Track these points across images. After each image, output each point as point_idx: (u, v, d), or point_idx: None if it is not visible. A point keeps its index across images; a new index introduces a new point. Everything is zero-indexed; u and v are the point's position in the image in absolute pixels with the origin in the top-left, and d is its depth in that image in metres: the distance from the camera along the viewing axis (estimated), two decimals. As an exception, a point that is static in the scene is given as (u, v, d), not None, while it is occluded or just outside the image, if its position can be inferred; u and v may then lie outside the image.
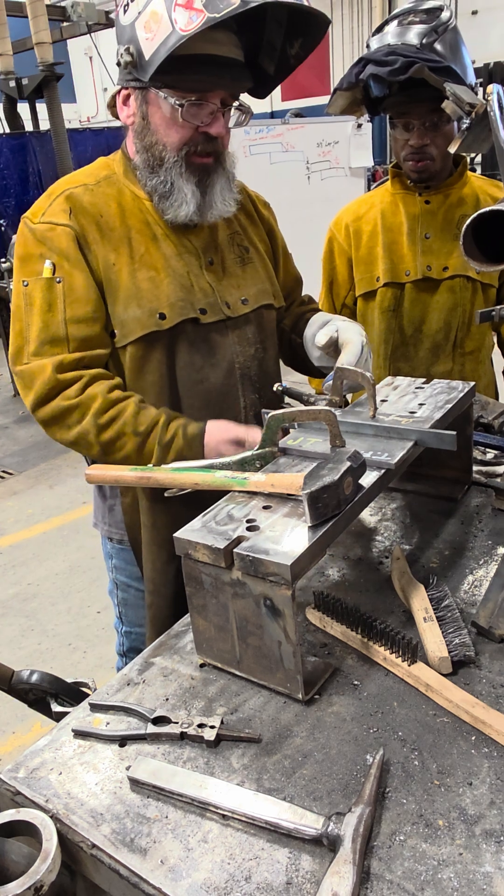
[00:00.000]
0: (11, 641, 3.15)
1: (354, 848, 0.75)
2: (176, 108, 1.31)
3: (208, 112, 1.33)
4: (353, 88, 1.83)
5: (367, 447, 1.16)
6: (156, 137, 1.36)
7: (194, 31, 1.18)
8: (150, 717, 0.96)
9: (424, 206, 1.99)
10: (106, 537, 1.65)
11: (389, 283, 2.03)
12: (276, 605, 0.92)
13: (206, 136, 1.35)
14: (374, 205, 2.09)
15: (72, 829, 0.83)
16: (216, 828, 0.81)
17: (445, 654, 0.99)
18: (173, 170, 1.36)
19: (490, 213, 1.09)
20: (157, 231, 1.43)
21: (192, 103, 1.30)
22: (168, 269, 1.41)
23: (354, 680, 1.01)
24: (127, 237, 1.40)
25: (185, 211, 1.38)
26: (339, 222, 2.16)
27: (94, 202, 1.39)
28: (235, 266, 1.52)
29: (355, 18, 13.92)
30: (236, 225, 1.55)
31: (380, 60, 1.69)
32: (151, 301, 1.38)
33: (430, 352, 2.04)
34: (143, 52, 1.26)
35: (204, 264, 1.46)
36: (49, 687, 1.07)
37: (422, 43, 1.71)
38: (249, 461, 1.19)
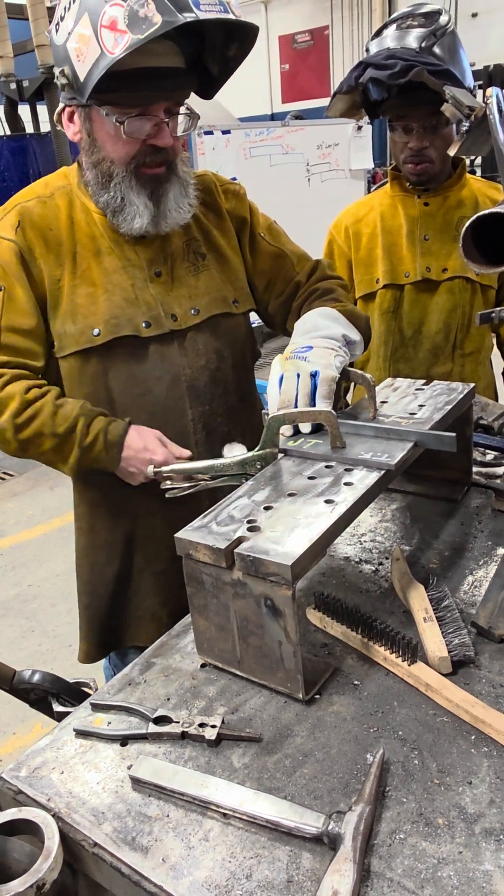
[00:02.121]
0: (12, 642, 3.16)
1: (355, 846, 0.75)
2: (118, 125, 1.30)
3: (153, 124, 1.32)
4: (352, 92, 1.84)
5: (366, 448, 1.17)
6: (103, 154, 1.35)
7: (120, 53, 1.17)
8: (152, 717, 0.96)
9: (423, 208, 2.00)
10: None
11: (389, 285, 2.03)
12: (276, 605, 0.93)
13: (154, 148, 1.34)
14: (374, 207, 2.10)
15: (73, 828, 0.83)
16: (217, 826, 0.82)
17: (445, 654, 1.00)
18: (123, 184, 1.35)
19: (489, 216, 1.09)
20: (101, 245, 1.43)
21: (134, 118, 1.29)
22: (108, 285, 1.41)
23: (355, 680, 1.02)
24: (72, 252, 1.41)
25: (139, 224, 1.38)
26: (338, 224, 2.16)
27: (44, 215, 1.41)
28: (188, 275, 1.48)
29: (355, 21, 13.95)
30: (195, 231, 1.51)
31: (379, 64, 1.70)
32: (87, 317, 1.39)
33: (430, 353, 2.05)
34: (77, 73, 1.26)
35: (149, 276, 1.45)
36: (50, 687, 1.07)
37: (421, 46, 1.72)
38: (250, 462, 1.20)
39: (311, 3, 14.40)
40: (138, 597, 1.56)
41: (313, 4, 14.37)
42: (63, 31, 1.28)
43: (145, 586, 1.55)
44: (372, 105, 1.91)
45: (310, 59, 14.91)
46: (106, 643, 1.61)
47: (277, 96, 15.59)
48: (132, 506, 1.49)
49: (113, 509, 1.52)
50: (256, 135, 5.53)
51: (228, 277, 1.54)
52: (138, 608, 1.57)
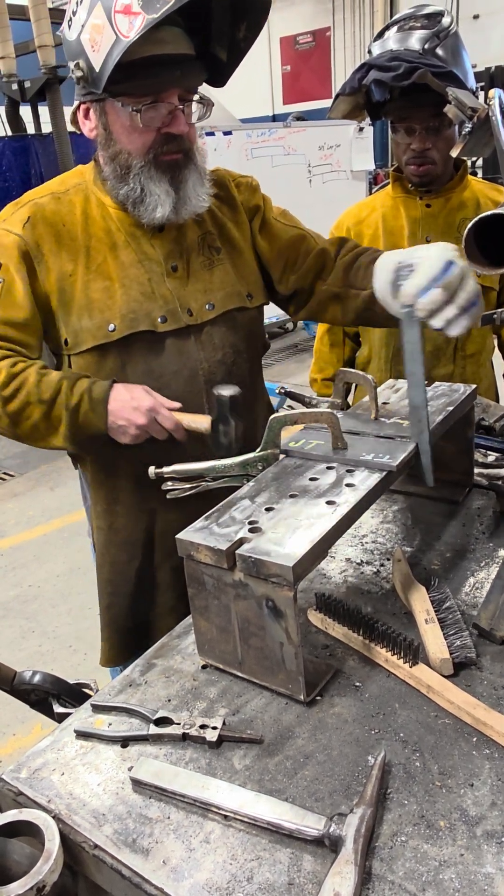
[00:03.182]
0: (12, 643, 3.15)
1: (356, 848, 0.75)
2: (133, 114, 1.30)
3: (166, 112, 1.31)
4: (355, 93, 1.84)
5: (368, 449, 1.17)
6: (119, 146, 1.35)
7: (137, 34, 1.17)
8: (153, 718, 0.96)
9: (425, 209, 2.00)
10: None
11: None
12: (277, 607, 0.92)
13: (169, 136, 1.34)
14: (376, 208, 2.10)
15: (74, 830, 0.83)
16: (218, 828, 0.81)
17: (447, 656, 1.00)
18: (142, 175, 1.35)
19: (491, 217, 1.09)
20: (118, 239, 1.42)
21: (149, 106, 1.29)
22: (125, 279, 1.40)
23: (356, 681, 1.01)
24: (86, 247, 1.40)
25: (161, 213, 1.36)
26: (340, 226, 2.16)
27: (57, 211, 1.41)
28: (203, 270, 1.47)
29: (357, 23, 13.96)
30: (209, 224, 1.50)
31: (383, 66, 1.70)
32: (103, 312, 1.38)
33: (431, 355, 2.04)
34: (92, 65, 1.26)
35: (166, 271, 1.43)
36: (51, 688, 1.07)
37: (424, 48, 1.72)
38: (252, 463, 1.20)
39: (312, 4, 14.42)
40: (159, 592, 1.56)
41: (315, 6, 14.39)
42: (76, 24, 1.28)
43: (165, 581, 1.55)
44: (374, 107, 1.91)
45: (311, 60, 14.93)
46: (129, 644, 1.58)
47: (279, 97, 15.62)
48: (150, 501, 1.48)
49: (131, 506, 1.51)
50: (258, 136, 5.53)
51: (242, 272, 1.53)
52: (159, 604, 1.57)
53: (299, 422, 1.18)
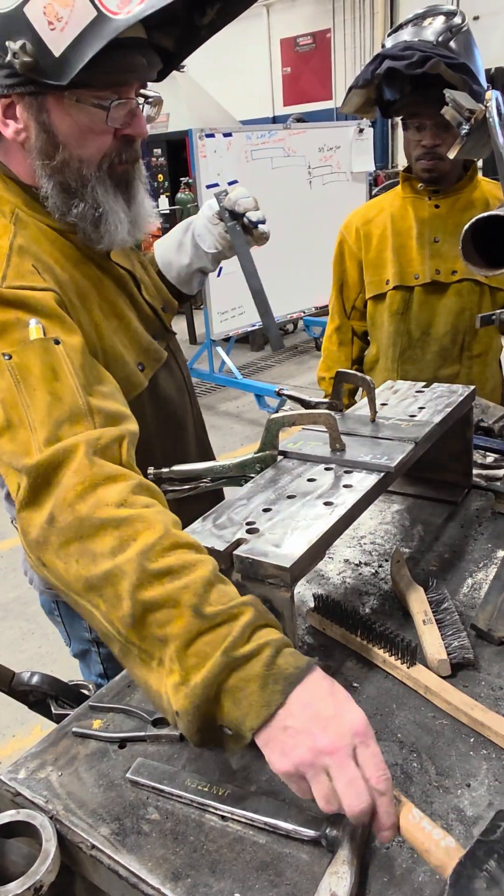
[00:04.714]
0: (12, 644, 3.16)
1: (353, 848, 0.75)
2: (97, 112, 1.05)
3: (128, 110, 1.08)
4: (368, 86, 1.85)
5: (366, 450, 1.17)
6: (68, 152, 1.07)
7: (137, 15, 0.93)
8: (150, 719, 0.96)
9: (434, 209, 2.01)
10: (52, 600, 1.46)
11: (398, 287, 2.05)
12: (275, 608, 0.92)
13: (126, 141, 1.12)
14: (384, 208, 2.11)
15: (71, 830, 0.83)
16: (215, 829, 0.81)
17: (444, 657, 1.00)
18: (99, 188, 1.10)
19: (488, 218, 1.09)
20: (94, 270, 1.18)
21: (116, 102, 1.05)
22: (123, 310, 1.20)
23: (354, 682, 1.01)
24: (79, 283, 1.13)
25: (121, 234, 1.15)
26: (349, 225, 2.18)
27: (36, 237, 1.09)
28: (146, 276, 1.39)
29: (357, 24, 13.99)
30: None
31: (396, 55, 1.70)
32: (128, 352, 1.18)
33: (438, 355, 2.05)
34: (48, 48, 0.97)
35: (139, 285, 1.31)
36: (49, 689, 1.07)
37: (438, 40, 1.73)
38: (250, 464, 1.20)
39: (312, 6, 14.44)
40: None
41: (315, 7, 14.42)
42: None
43: None
44: (385, 104, 1.91)
45: (312, 61, 14.95)
46: None
47: (279, 99, 15.65)
48: None
49: None
50: (258, 137, 5.53)
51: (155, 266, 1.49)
52: None
53: (297, 423, 1.18)
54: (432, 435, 1.25)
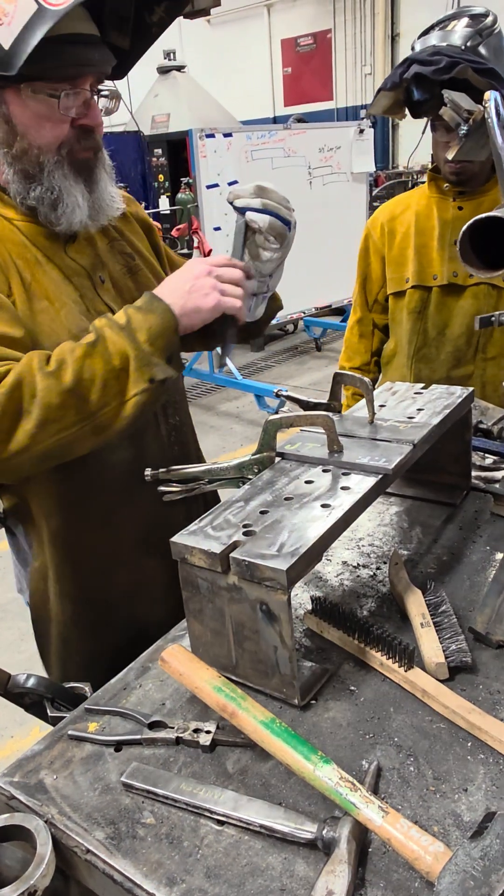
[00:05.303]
0: (11, 645, 3.15)
1: (350, 849, 0.75)
2: (50, 101, 1.14)
3: (82, 101, 1.17)
4: (396, 89, 1.85)
5: (364, 452, 1.16)
6: (27, 141, 1.17)
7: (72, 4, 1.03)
8: (146, 722, 0.95)
9: (457, 212, 2.02)
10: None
11: (417, 286, 2.06)
12: (272, 610, 0.92)
13: (83, 130, 1.20)
14: (410, 206, 2.12)
15: (66, 834, 0.83)
16: (211, 833, 0.81)
17: (442, 660, 0.99)
18: (56, 173, 1.19)
19: (487, 220, 1.09)
20: (37, 255, 1.24)
21: (69, 91, 1.14)
22: (61, 297, 1.25)
23: (351, 685, 1.01)
24: (12, 264, 1.21)
25: (78, 217, 1.23)
26: (375, 220, 2.20)
27: None
28: (125, 278, 1.37)
29: (357, 25, 13.98)
30: (113, 231, 1.39)
31: (424, 60, 1.71)
32: (50, 336, 1.20)
33: (452, 355, 2.06)
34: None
35: (97, 284, 1.32)
36: (45, 691, 1.06)
37: (466, 45, 1.73)
38: (247, 466, 1.19)
39: (313, 6, 14.43)
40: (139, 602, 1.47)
41: (316, 8, 14.40)
42: None
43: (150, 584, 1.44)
44: (414, 104, 1.91)
45: (312, 62, 14.94)
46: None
47: (280, 99, 15.63)
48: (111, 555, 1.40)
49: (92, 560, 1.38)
50: (258, 138, 5.53)
51: (156, 276, 1.44)
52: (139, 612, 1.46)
53: (294, 424, 1.18)
54: (430, 437, 1.24)
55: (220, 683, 0.92)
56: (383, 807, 0.76)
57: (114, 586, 1.42)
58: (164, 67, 10.43)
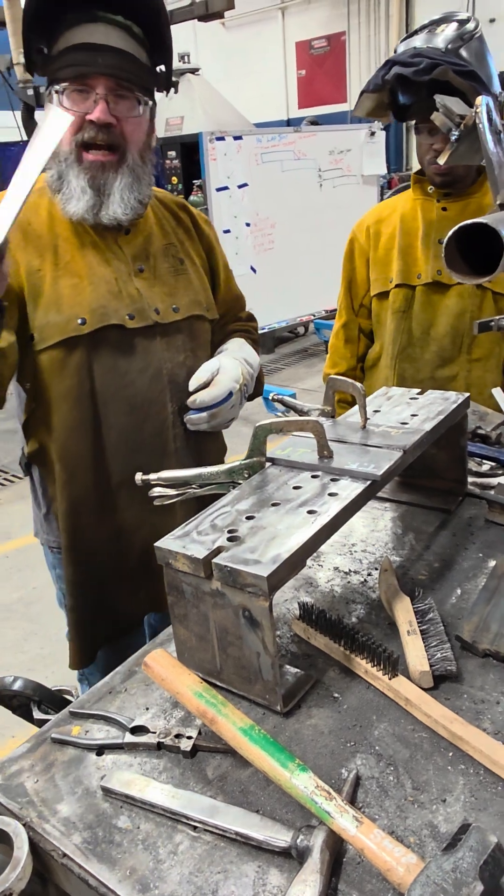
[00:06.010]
0: (14, 645, 3.17)
1: (323, 858, 0.74)
2: (60, 96, 1.33)
3: (92, 100, 1.34)
4: (379, 91, 1.85)
5: (354, 458, 1.16)
6: None
7: None
8: (129, 727, 0.96)
9: (441, 212, 2.01)
10: (46, 546, 1.69)
11: (401, 285, 2.05)
12: (254, 616, 0.92)
13: (92, 125, 1.35)
14: (396, 209, 2.12)
15: (44, 838, 0.83)
16: (186, 840, 0.81)
17: (426, 669, 0.99)
18: (65, 162, 1.37)
19: (473, 226, 1.08)
20: (85, 239, 1.44)
21: (73, 90, 1.33)
22: (92, 276, 1.42)
23: (335, 692, 1.01)
24: (53, 245, 1.42)
25: (74, 207, 1.38)
26: (361, 224, 2.20)
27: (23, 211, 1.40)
28: (168, 275, 1.53)
29: (371, 27, 13.94)
30: (173, 237, 1.58)
31: (405, 62, 1.71)
32: (72, 307, 1.39)
33: (437, 355, 2.05)
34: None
35: (133, 271, 1.48)
36: (32, 693, 1.07)
37: (447, 48, 1.73)
38: (237, 471, 1.19)
39: (328, 9, 14.42)
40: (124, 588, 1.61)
41: (330, 10, 14.39)
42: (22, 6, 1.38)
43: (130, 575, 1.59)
44: (399, 108, 1.91)
45: (326, 64, 14.92)
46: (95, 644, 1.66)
47: (294, 102, 15.62)
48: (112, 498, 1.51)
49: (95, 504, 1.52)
50: (268, 140, 5.53)
51: (202, 286, 1.61)
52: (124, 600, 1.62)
53: (284, 430, 1.17)
54: (422, 443, 1.24)
55: (200, 689, 0.92)
56: (358, 816, 0.75)
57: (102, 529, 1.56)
58: (179, 70, 10.44)
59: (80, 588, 1.57)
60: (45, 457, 1.53)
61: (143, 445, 1.50)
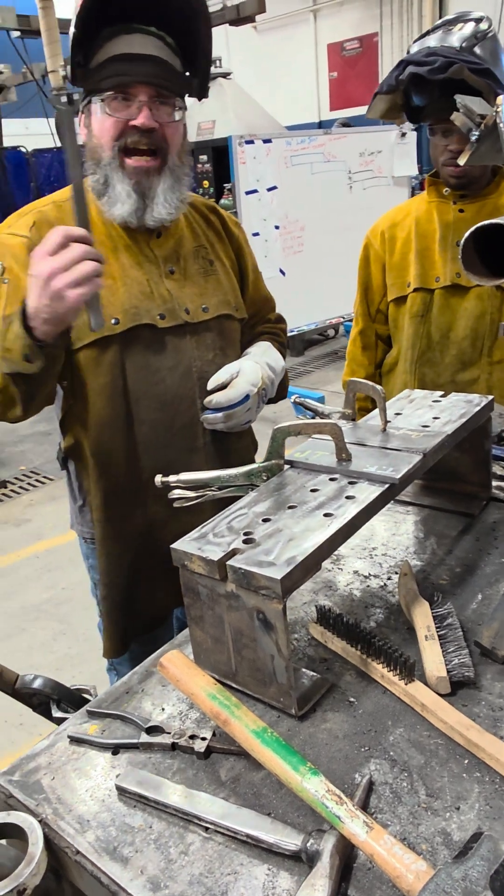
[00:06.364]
0: (43, 645, 3.21)
1: (332, 864, 0.74)
2: (102, 104, 1.39)
3: (135, 107, 1.40)
4: (393, 92, 1.84)
5: (372, 461, 1.15)
6: (95, 141, 1.44)
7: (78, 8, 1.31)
8: (144, 727, 0.96)
9: (458, 214, 1.99)
10: (81, 538, 1.72)
11: (419, 289, 2.03)
12: (268, 619, 0.92)
13: (136, 129, 1.40)
14: (410, 212, 2.10)
15: (58, 835, 0.84)
16: (198, 840, 0.81)
17: (444, 674, 0.98)
18: (109, 166, 1.42)
19: (490, 227, 1.07)
20: (118, 243, 1.50)
21: (113, 96, 1.39)
22: (125, 278, 1.48)
23: (351, 697, 1.00)
24: None
25: (119, 210, 1.44)
26: (375, 229, 2.18)
27: (59, 217, 1.47)
28: (198, 276, 1.58)
29: (404, 28, 13.85)
30: (203, 240, 1.62)
31: (419, 61, 1.70)
32: (106, 308, 1.42)
33: (457, 359, 2.02)
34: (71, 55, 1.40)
35: (164, 273, 1.53)
36: (51, 692, 1.09)
37: (462, 46, 1.71)
38: (256, 473, 1.20)
39: (360, 10, 14.36)
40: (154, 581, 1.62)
41: (362, 12, 14.33)
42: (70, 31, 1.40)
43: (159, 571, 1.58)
44: (413, 109, 1.90)
45: (358, 65, 14.87)
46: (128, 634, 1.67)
47: (325, 104, 15.59)
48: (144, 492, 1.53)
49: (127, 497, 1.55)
50: (298, 143, 5.53)
51: (231, 286, 1.64)
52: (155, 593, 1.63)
53: (302, 432, 1.17)
54: (443, 446, 1.23)
55: (214, 690, 0.92)
56: (368, 822, 0.75)
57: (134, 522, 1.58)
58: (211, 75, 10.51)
59: (112, 579, 1.60)
60: (80, 451, 1.57)
61: (173, 441, 1.54)
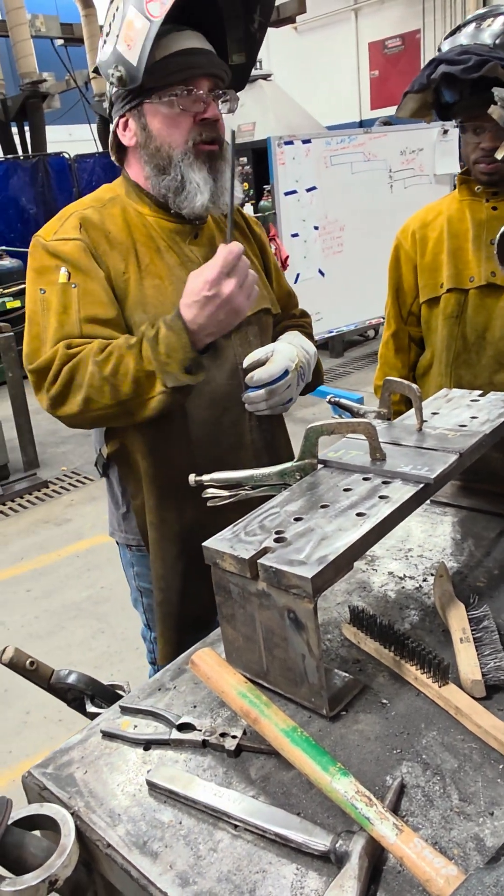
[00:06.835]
0: (82, 643, 3.26)
1: (361, 865, 0.73)
2: (172, 101, 1.40)
3: (200, 100, 1.42)
4: (423, 91, 1.82)
5: (407, 461, 1.14)
6: (160, 141, 1.44)
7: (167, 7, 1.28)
8: (176, 723, 0.97)
9: (491, 212, 1.95)
10: (124, 545, 1.71)
11: (453, 289, 1.99)
12: (299, 618, 0.92)
13: (205, 122, 1.43)
14: (441, 212, 2.06)
15: (90, 828, 0.85)
16: (227, 838, 0.81)
17: (479, 678, 0.96)
18: (183, 163, 1.43)
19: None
20: (160, 244, 1.51)
21: (179, 94, 1.40)
22: (172, 278, 1.49)
23: (383, 698, 0.99)
24: (133, 249, 1.48)
25: (200, 201, 1.45)
26: (405, 230, 2.14)
27: (101, 220, 1.48)
28: None
29: (448, 24, 13.68)
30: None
31: (452, 60, 1.67)
32: (157, 307, 1.45)
33: (494, 359, 1.98)
34: (129, 61, 1.35)
35: None
36: (85, 688, 1.10)
37: (495, 43, 1.68)
38: (289, 472, 1.19)
39: (402, 7, 14.25)
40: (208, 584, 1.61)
41: (405, 9, 14.21)
42: (111, 38, 1.39)
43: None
44: (443, 107, 1.87)
45: (400, 63, 14.75)
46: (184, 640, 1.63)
47: (366, 103, 15.51)
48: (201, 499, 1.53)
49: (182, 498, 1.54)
50: (338, 143, 5.50)
51: (263, 282, 1.66)
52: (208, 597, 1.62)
53: (336, 431, 1.16)
54: (480, 446, 1.21)
55: (245, 689, 0.92)
56: (398, 824, 0.74)
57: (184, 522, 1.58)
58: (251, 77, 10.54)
59: (169, 582, 1.59)
60: (126, 456, 1.57)
61: (221, 437, 1.55)
